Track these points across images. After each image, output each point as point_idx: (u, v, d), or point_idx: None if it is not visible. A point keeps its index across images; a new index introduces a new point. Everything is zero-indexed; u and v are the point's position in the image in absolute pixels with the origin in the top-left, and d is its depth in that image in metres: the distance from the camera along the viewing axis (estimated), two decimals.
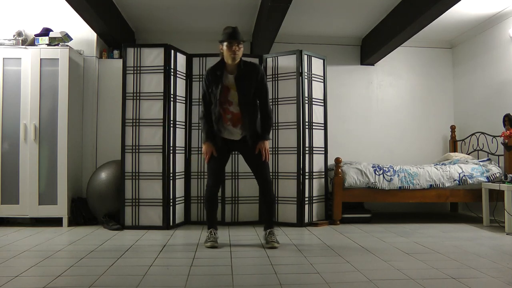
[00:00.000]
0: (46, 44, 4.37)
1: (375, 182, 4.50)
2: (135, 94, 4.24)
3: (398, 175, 4.54)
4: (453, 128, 5.65)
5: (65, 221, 4.26)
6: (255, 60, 4.63)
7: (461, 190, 4.60)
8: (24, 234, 3.82)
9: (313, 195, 4.49)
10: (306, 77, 4.48)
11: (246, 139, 3.37)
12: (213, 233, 3.43)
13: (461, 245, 3.45)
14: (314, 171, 4.50)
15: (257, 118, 3.38)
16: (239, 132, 3.39)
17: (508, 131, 4.36)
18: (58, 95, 4.29)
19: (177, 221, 4.31)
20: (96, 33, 4.74)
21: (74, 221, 4.36)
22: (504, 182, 4.18)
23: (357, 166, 4.59)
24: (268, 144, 3.40)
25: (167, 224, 4.14)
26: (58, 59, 4.30)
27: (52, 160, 4.27)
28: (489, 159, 4.81)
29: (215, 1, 4.58)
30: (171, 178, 4.23)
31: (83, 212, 4.40)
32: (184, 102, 4.51)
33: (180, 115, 4.44)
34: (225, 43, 3.27)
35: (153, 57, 4.25)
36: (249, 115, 3.34)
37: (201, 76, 4.58)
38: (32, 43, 4.43)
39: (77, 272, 2.63)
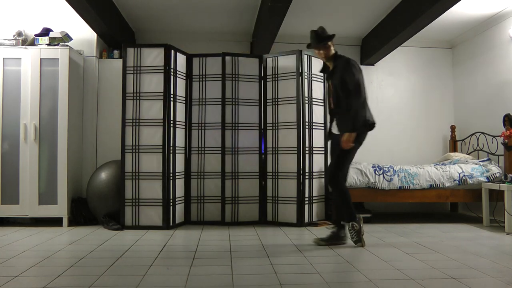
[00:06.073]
0: (46, 44, 4.37)
1: (375, 182, 4.50)
2: (135, 94, 4.25)
3: (398, 175, 4.54)
4: (453, 128, 5.65)
5: (65, 221, 4.26)
6: (255, 60, 4.64)
7: (461, 190, 4.60)
8: (24, 234, 3.82)
9: (313, 195, 4.48)
10: (306, 77, 4.48)
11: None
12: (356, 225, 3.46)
13: (461, 245, 3.45)
14: (314, 171, 4.50)
15: (342, 112, 3.49)
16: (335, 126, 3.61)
17: (508, 131, 4.36)
18: (58, 95, 4.29)
19: (177, 221, 4.31)
20: (96, 33, 4.73)
21: (74, 221, 4.36)
22: (504, 182, 4.18)
23: (357, 166, 4.59)
24: (346, 136, 3.35)
25: (167, 224, 4.14)
26: (58, 59, 4.30)
27: (52, 160, 4.27)
28: (489, 159, 4.81)
29: (215, 1, 4.58)
30: (171, 178, 4.23)
31: (83, 212, 4.40)
32: (184, 102, 4.51)
33: (180, 115, 4.43)
34: None
35: (153, 57, 4.25)
36: (338, 108, 3.53)
37: (200, 76, 4.58)
38: (32, 43, 4.43)
39: (77, 272, 2.63)
